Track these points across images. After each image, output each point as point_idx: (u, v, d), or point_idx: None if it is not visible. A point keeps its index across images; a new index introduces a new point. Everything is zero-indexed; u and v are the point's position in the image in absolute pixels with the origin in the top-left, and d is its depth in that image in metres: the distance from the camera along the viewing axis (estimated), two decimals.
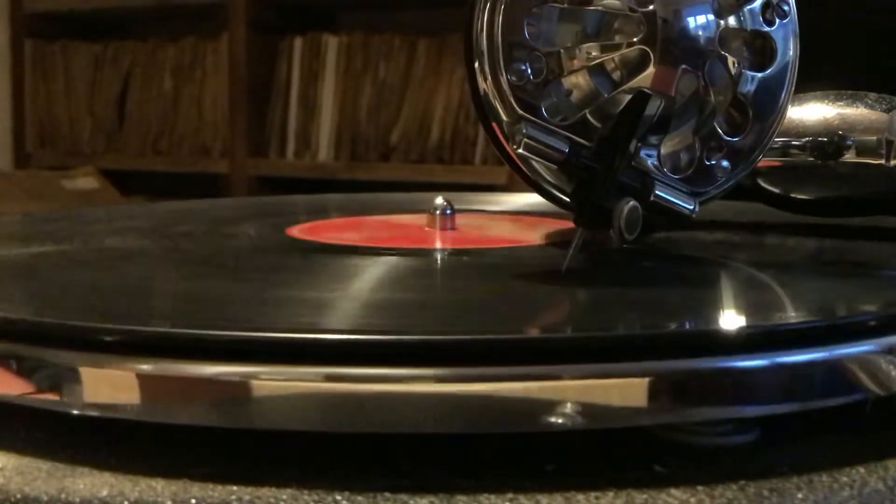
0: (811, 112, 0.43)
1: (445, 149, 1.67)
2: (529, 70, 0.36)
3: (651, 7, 0.36)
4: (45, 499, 0.25)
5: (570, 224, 0.36)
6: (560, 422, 0.25)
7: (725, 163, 0.38)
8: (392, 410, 0.25)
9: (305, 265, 0.40)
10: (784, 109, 0.38)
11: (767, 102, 0.38)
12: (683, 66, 0.36)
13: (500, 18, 0.36)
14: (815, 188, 0.44)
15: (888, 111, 0.42)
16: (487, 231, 0.49)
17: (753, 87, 0.38)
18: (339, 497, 0.24)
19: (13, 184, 1.75)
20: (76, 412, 0.27)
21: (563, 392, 0.25)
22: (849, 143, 0.42)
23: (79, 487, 0.25)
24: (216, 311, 0.32)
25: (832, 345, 0.27)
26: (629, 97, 0.36)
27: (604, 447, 0.27)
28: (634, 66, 0.36)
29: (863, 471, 0.26)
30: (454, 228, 0.46)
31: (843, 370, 0.27)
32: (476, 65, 0.37)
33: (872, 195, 0.43)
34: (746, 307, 0.33)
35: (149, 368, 0.26)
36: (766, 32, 0.38)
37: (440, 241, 0.44)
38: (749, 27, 0.37)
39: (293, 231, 0.46)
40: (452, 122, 1.67)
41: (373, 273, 0.38)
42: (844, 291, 0.34)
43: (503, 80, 0.36)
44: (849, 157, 0.42)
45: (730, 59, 0.37)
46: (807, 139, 0.43)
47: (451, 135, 1.67)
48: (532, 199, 0.48)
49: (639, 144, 0.35)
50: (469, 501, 0.24)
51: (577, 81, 0.37)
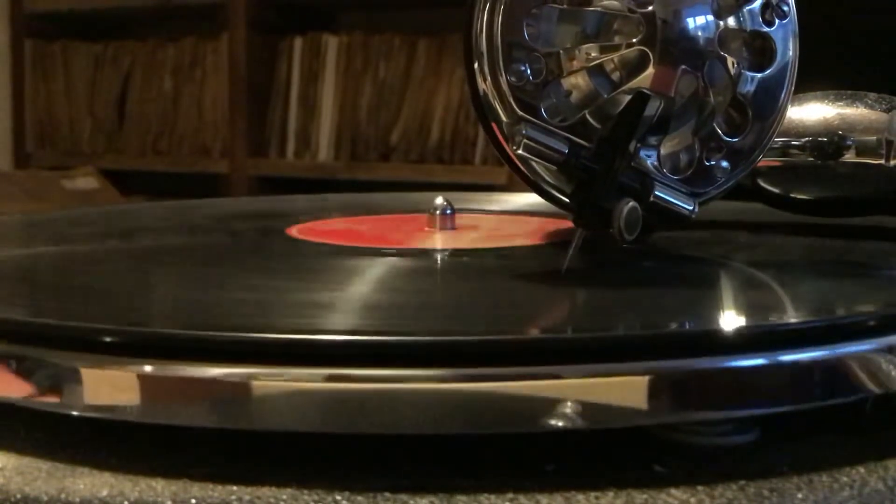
0: (811, 112, 0.43)
1: (445, 149, 1.67)
2: (529, 71, 0.36)
3: (650, 8, 0.36)
4: (45, 499, 0.25)
5: (570, 224, 0.36)
6: (560, 422, 0.25)
7: (725, 163, 0.38)
8: (392, 411, 0.25)
9: (305, 265, 0.40)
10: (784, 110, 0.38)
11: (767, 103, 0.38)
12: (683, 67, 0.36)
13: (500, 19, 0.36)
14: (815, 188, 0.44)
15: (888, 111, 0.42)
16: (487, 231, 0.49)
17: (753, 88, 0.38)
18: (339, 497, 0.24)
19: (13, 184, 1.75)
20: (76, 413, 0.27)
21: (563, 392, 0.25)
22: (849, 143, 0.42)
23: (79, 487, 0.25)
24: (216, 312, 0.32)
25: (832, 344, 0.27)
26: (629, 98, 0.36)
27: (604, 447, 0.27)
28: (634, 67, 0.36)
29: (863, 471, 0.26)
30: (454, 228, 0.46)
31: (843, 370, 0.27)
32: (475, 65, 0.37)
33: (872, 195, 0.43)
34: (746, 307, 0.33)
35: (149, 369, 0.26)
36: (766, 33, 0.38)
37: (440, 242, 0.44)
38: (748, 28, 0.37)
39: (293, 231, 0.46)
40: (452, 122, 1.67)
41: (373, 273, 0.38)
42: (844, 291, 0.34)
43: (503, 81, 0.36)
44: (849, 157, 0.42)
45: (729, 60, 0.37)
46: (807, 139, 0.43)
47: (451, 135, 1.67)
48: (532, 199, 0.48)
49: (638, 145, 0.35)
50: (469, 501, 0.24)
51: (577, 82, 0.37)
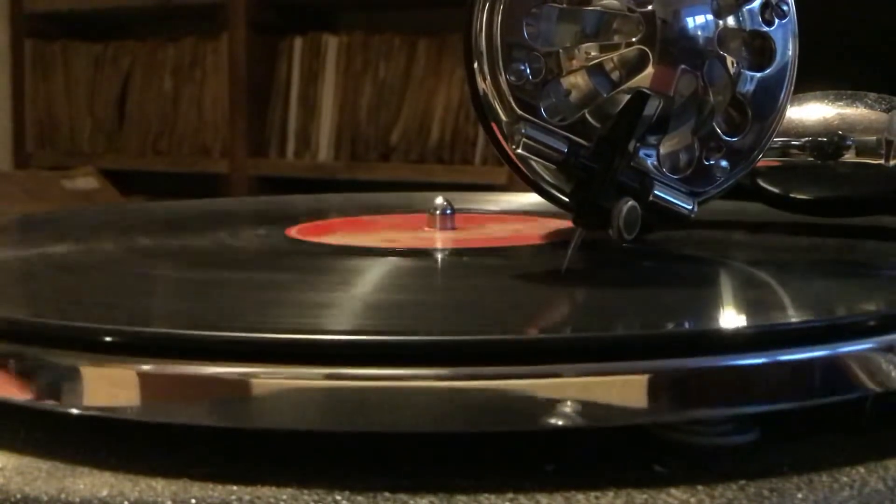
0: (811, 112, 0.43)
1: (445, 149, 1.67)
2: (528, 70, 0.36)
3: (650, 7, 0.36)
4: (45, 499, 0.25)
5: (570, 224, 0.36)
6: (560, 421, 0.25)
7: (724, 163, 0.38)
8: (392, 409, 0.25)
9: (305, 265, 0.40)
10: (783, 109, 0.38)
11: (766, 102, 0.38)
12: (682, 66, 0.36)
13: (499, 18, 0.36)
14: (815, 188, 0.44)
15: (888, 111, 0.42)
16: (487, 231, 0.49)
17: (752, 87, 0.38)
18: (339, 497, 0.24)
19: (13, 184, 1.75)
20: (76, 412, 0.27)
21: (563, 391, 0.25)
22: (848, 143, 0.42)
23: (79, 487, 0.25)
24: (216, 312, 0.32)
25: (832, 344, 0.27)
26: (628, 97, 0.36)
27: (604, 447, 0.27)
28: (633, 66, 0.36)
29: (863, 471, 0.26)
30: (454, 228, 0.46)
31: (843, 369, 0.27)
32: (475, 65, 0.37)
33: (872, 195, 0.43)
34: (746, 306, 0.33)
35: (149, 368, 0.26)
36: (766, 32, 0.38)
37: (440, 241, 0.44)
38: (748, 27, 0.37)
39: (293, 231, 0.46)
40: (452, 122, 1.67)
41: (373, 273, 0.38)
42: (844, 291, 0.34)
43: (502, 81, 0.36)
44: (848, 157, 0.42)
45: (729, 59, 0.37)
46: (806, 139, 0.43)
47: (451, 135, 1.67)
48: (532, 199, 0.48)
49: (638, 144, 0.35)
50: (469, 501, 0.24)
51: (576, 81, 0.37)
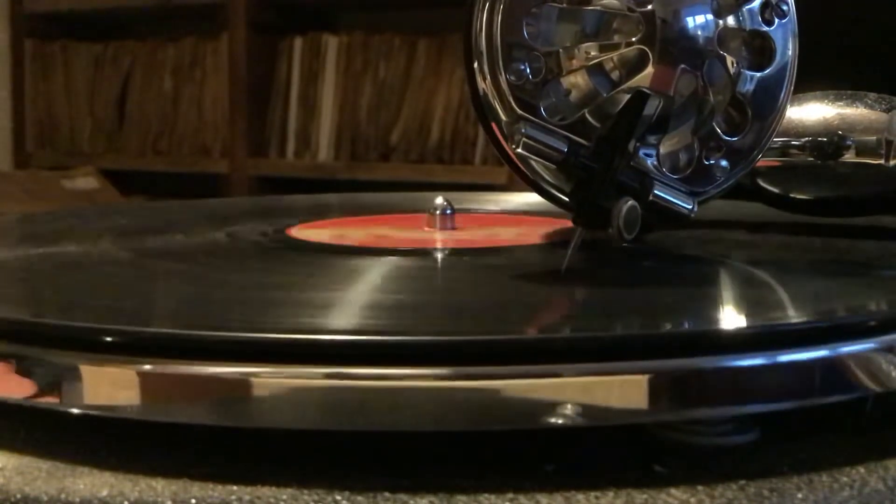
0: (811, 112, 0.43)
1: (445, 149, 1.67)
2: (528, 70, 0.36)
3: (650, 7, 0.36)
4: (45, 499, 0.25)
5: (570, 223, 0.36)
6: (560, 420, 0.25)
7: (724, 162, 0.38)
8: (392, 409, 0.25)
9: (305, 265, 0.40)
10: (783, 109, 0.38)
11: (766, 102, 0.38)
12: (682, 66, 0.36)
13: (499, 18, 0.36)
14: (815, 188, 0.44)
15: (888, 111, 0.42)
16: (487, 231, 0.49)
17: (752, 87, 0.38)
18: (339, 497, 0.24)
19: (13, 184, 1.75)
20: (76, 412, 0.27)
21: (563, 391, 0.25)
22: (848, 143, 0.42)
23: (79, 487, 0.25)
24: (216, 312, 0.32)
25: (832, 344, 0.27)
26: (628, 97, 0.36)
27: (604, 447, 0.27)
28: (633, 66, 0.36)
29: (863, 471, 0.26)
30: (454, 228, 0.46)
31: (843, 369, 0.27)
32: (475, 65, 0.37)
33: (872, 195, 0.43)
34: (746, 306, 0.33)
35: (149, 367, 0.26)
36: (765, 32, 0.38)
37: (440, 241, 0.44)
38: (748, 27, 0.37)
39: (293, 231, 0.46)
40: (452, 122, 1.67)
41: (373, 273, 0.38)
42: (844, 291, 0.34)
43: (502, 80, 0.36)
44: (848, 157, 0.42)
45: (728, 59, 0.37)
46: (806, 139, 0.43)
47: (451, 135, 1.67)
48: (532, 199, 0.48)
49: (637, 144, 0.35)
50: (469, 501, 0.24)
51: (576, 81, 0.37)
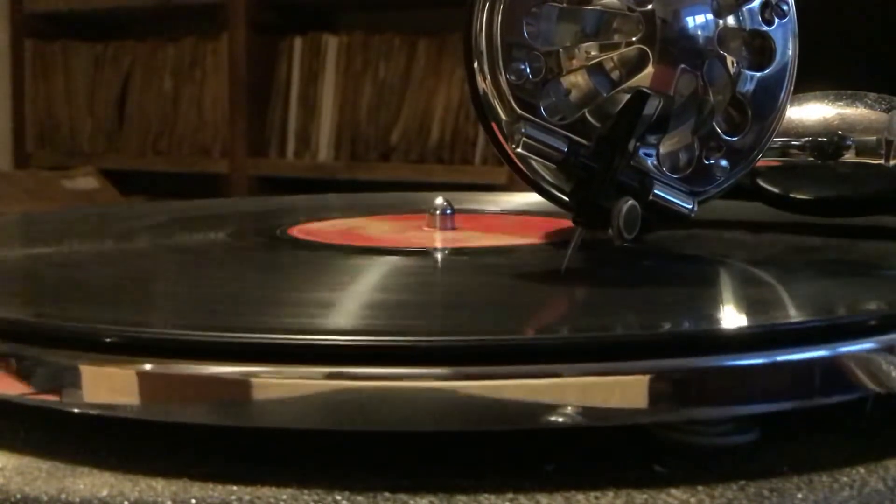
0: (811, 112, 0.43)
1: (445, 149, 1.67)
2: (528, 69, 0.36)
3: (650, 7, 0.36)
4: (45, 499, 0.25)
5: (570, 223, 0.36)
6: (560, 420, 0.25)
7: (724, 162, 0.38)
8: (392, 409, 0.25)
9: (305, 265, 0.40)
10: (783, 109, 0.38)
11: (766, 102, 0.38)
12: (682, 66, 0.36)
13: (499, 18, 0.36)
14: (815, 188, 0.44)
15: (888, 111, 0.42)
16: (487, 231, 0.49)
17: (752, 87, 0.38)
18: (339, 497, 0.24)
19: (13, 184, 1.75)
20: (77, 412, 0.27)
21: (563, 391, 0.25)
22: (848, 143, 0.42)
23: (79, 487, 0.25)
24: (216, 312, 0.32)
25: (832, 343, 0.27)
26: (628, 96, 0.36)
27: (604, 447, 0.27)
28: (633, 66, 0.36)
29: (863, 471, 0.26)
30: (454, 228, 0.46)
31: (843, 369, 0.27)
32: (475, 65, 0.37)
33: (872, 195, 0.43)
34: (746, 306, 0.33)
35: (149, 367, 0.26)
36: (765, 32, 0.38)
37: (440, 241, 0.44)
38: (748, 27, 0.37)
39: (293, 231, 0.46)
40: (452, 122, 1.67)
41: (373, 273, 0.38)
42: (844, 291, 0.34)
43: (502, 80, 0.36)
44: (848, 157, 0.42)
45: (729, 59, 0.37)
46: (806, 139, 0.43)
47: (451, 135, 1.67)
48: (532, 199, 0.48)
49: (638, 144, 0.35)
50: (469, 501, 0.24)
51: (576, 81, 0.37)
